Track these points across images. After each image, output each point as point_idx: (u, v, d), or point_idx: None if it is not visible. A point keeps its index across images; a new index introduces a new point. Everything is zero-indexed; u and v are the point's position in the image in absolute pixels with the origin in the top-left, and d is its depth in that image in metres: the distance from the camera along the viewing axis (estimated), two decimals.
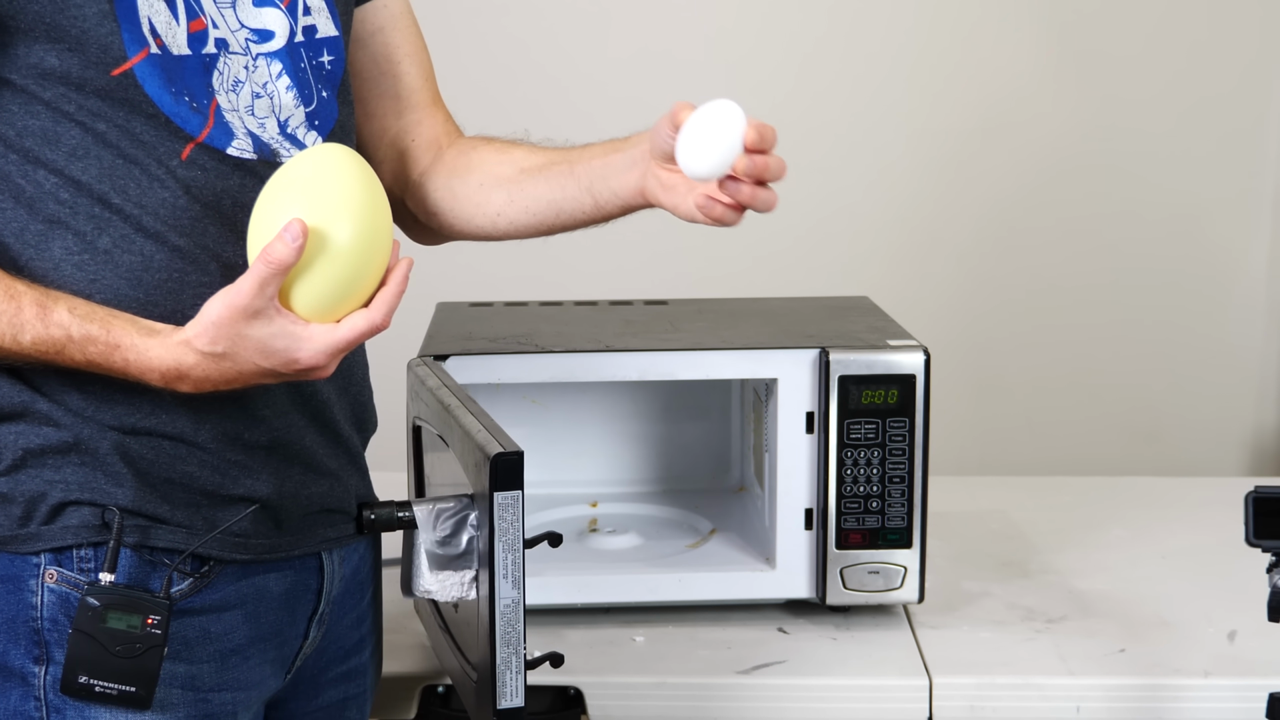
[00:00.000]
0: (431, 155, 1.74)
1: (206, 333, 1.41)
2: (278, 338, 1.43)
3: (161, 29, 1.45)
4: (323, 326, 1.44)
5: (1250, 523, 1.56)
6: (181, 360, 1.42)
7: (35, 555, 1.47)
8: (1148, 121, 3.37)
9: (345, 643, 1.68)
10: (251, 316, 1.41)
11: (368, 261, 1.46)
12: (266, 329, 1.42)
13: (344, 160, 1.47)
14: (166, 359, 1.42)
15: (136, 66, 1.44)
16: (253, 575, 1.55)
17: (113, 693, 1.44)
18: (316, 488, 1.58)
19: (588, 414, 2.33)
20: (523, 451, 1.54)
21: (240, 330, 1.41)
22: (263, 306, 1.41)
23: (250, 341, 1.42)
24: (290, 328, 1.43)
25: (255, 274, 1.40)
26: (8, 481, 1.47)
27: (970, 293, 3.41)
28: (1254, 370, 3.46)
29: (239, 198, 1.49)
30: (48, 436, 1.47)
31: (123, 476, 1.47)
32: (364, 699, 1.73)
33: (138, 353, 1.42)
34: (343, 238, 1.43)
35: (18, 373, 1.47)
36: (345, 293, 1.45)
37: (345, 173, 1.46)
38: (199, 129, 1.47)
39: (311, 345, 1.44)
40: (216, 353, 1.42)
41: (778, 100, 3.34)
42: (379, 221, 1.47)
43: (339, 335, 1.44)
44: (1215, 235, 3.41)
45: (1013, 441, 3.46)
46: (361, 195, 1.45)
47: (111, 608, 1.43)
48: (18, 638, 1.47)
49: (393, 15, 1.71)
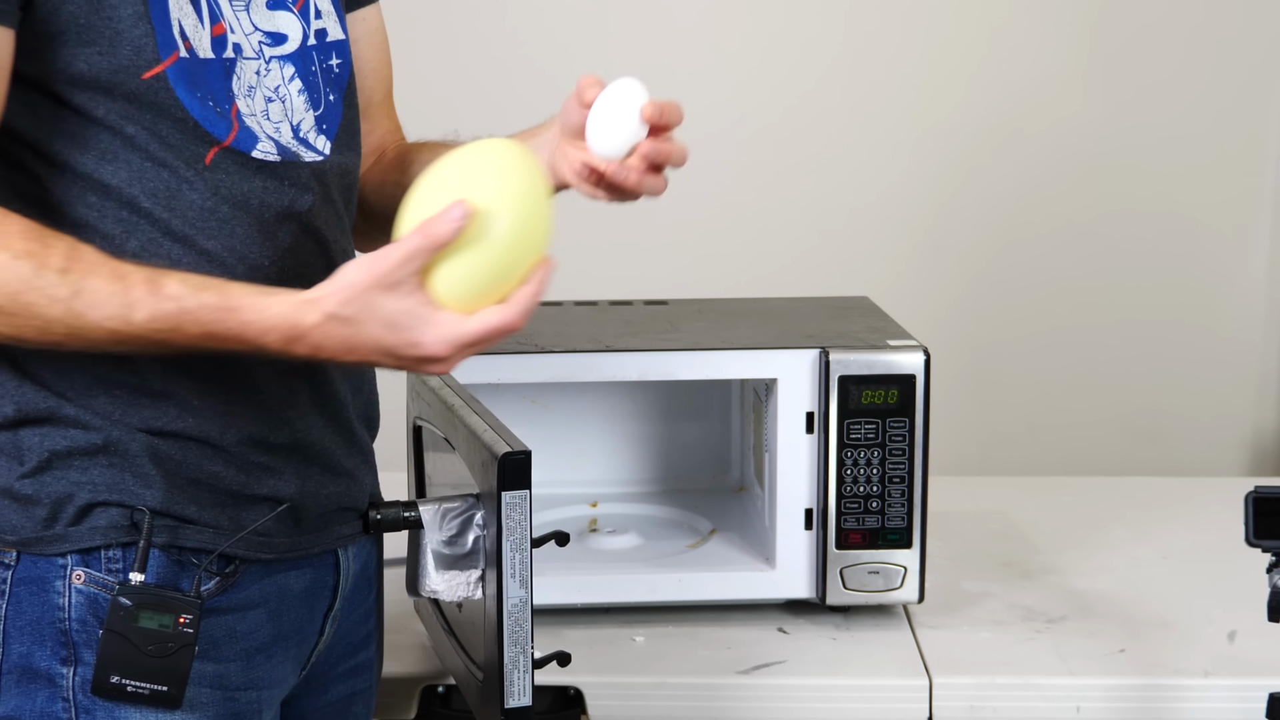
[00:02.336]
0: (372, 160, 1.75)
1: (339, 293, 1.38)
2: (408, 315, 1.39)
3: (190, 32, 1.45)
4: (454, 315, 1.40)
5: (1250, 523, 1.56)
6: (303, 319, 1.38)
7: (62, 557, 1.46)
8: (1148, 123, 3.37)
9: (353, 638, 1.68)
10: (388, 287, 1.38)
11: (518, 258, 1.42)
12: (399, 304, 1.38)
13: (514, 154, 1.44)
14: (288, 317, 1.38)
15: (168, 70, 1.43)
16: (275, 574, 1.55)
17: (145, 692, 1.44)
18: (335, 487, 1.59)
19: (588, 414, 2.33)
20: (530, 451, 1.54)
21: (373, 298, 1.38)
22: (402, 280, 1.38)
23: (380, 312, 1.38)
24: (421, 309, 1.39)
25: (407, 244, 1.37)
26: (32, 483, 1.47)
27: (970, 293, 3.40)
28: (1254, 370, 3.46)
29: (265, 199, 1.48)
30: (75, 439, 1.46)
31: (151, 478, 1.47)
32: (370, 694, 1.73)
33: (257, 312, 1.38)
34: (499, 229, 1.40)
35: (40, 378, 1.46)
36: (488, 285, 1.41)
37: (514, 166, 1.43)
38: (225, 133, 1.46)
39: (438, 331, 1.39)
40: (343, 315, 1.38)
41: (779, 98, 3.34)
42: (538, 221, 1.43)
43: (468, 328, 1.40)
44: (1215, 236, 3.41)
45: (1013, 442, 3.46)
46: (526, 191, 1.42)
47: (143, 607, 1.43)
48: (43, 639, 1.46)
49: (368, 29, 1.71)
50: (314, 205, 1.52)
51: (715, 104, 3.32)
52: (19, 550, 1.47)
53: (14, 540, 1.47)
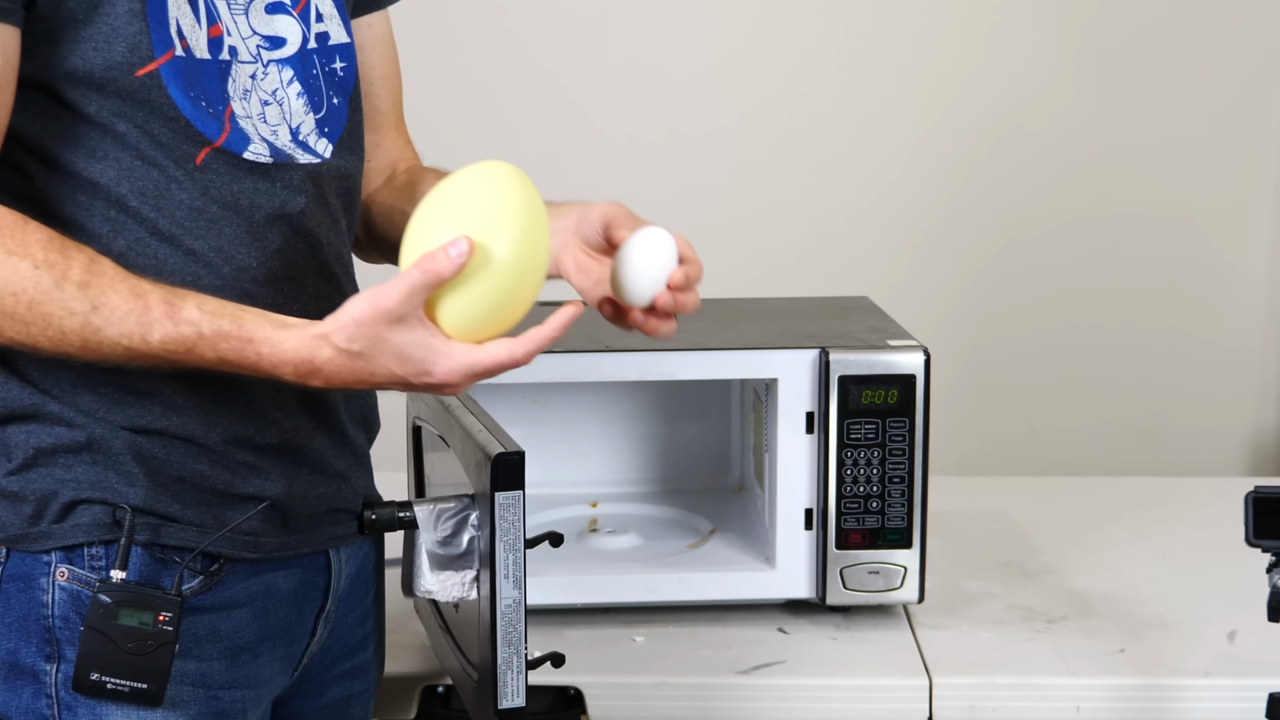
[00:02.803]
0: (384, 178, 1.74)
1: (346, 329, 1.40)
2: (416, 348, 1.41)
3: (187, 31, 1.45)
4: (464, 346, 1.42)
5: (1250, 523, 1.56)
6: (316, 354, 1.41)
7: (46, 554, 1.46)
8: (1148, 124, 3.37)
9: (349, 640, 1.68)
10: (394, 322, 1.40)
11: (520, 285, 1.43)
12: (407, 336, 1.40)
13: (509, 178, 1.45)
14: (301, 351, 1.41)
15: (162, 67, 1.43)
16: (262, 573, 1.55)
17: (124, 690, 1.44)
18: (324, 488, 1.59)
19: (588, 414, 2.33)
20: (524, 451, 1.54)
21: (380, 333, 1.40)
22: (407, 314, 1.39)
23: (388, 346, 1.40)
24: (430, 340, 1.41)
25: (408, 280, 1.39)
26: (18, 480, 1.47)
27: (970, 293, 3.41)
28: (1254, 371, 3.46)
29: (255, 200, 1.49)
30: (60, 436, 1.47)
31: (134, 475, 1.47)
32: (368, 696, 1.73)
33: (271, 346, 1.40)
34: (499, 259, 1.41)
35: (27, 375, 1.47)
36: (493, 314, 1.43)
37: (510, 192, 1.44)
38: (216, 134, 1.46)
39: (449, 362, 1.42)
40: (353, 350, 1.40)
41: (779, 99, 3.35)
42: (537, 246, 1.44)
43: (478, 359, 1.42)
44: (1215, 237, 3.41)
45: (1013, 442, 3.46)
46: (523, 218, 1.43)
47: (124, 605, 1.43)
48: (29, 636, 1.47)
49: (374, 36, 1.71)
50: (306, 207, 1.52)
51: (715, 104, 3.32)
52: (8, 547, 1.47)
53: (2, 537, 1.47)
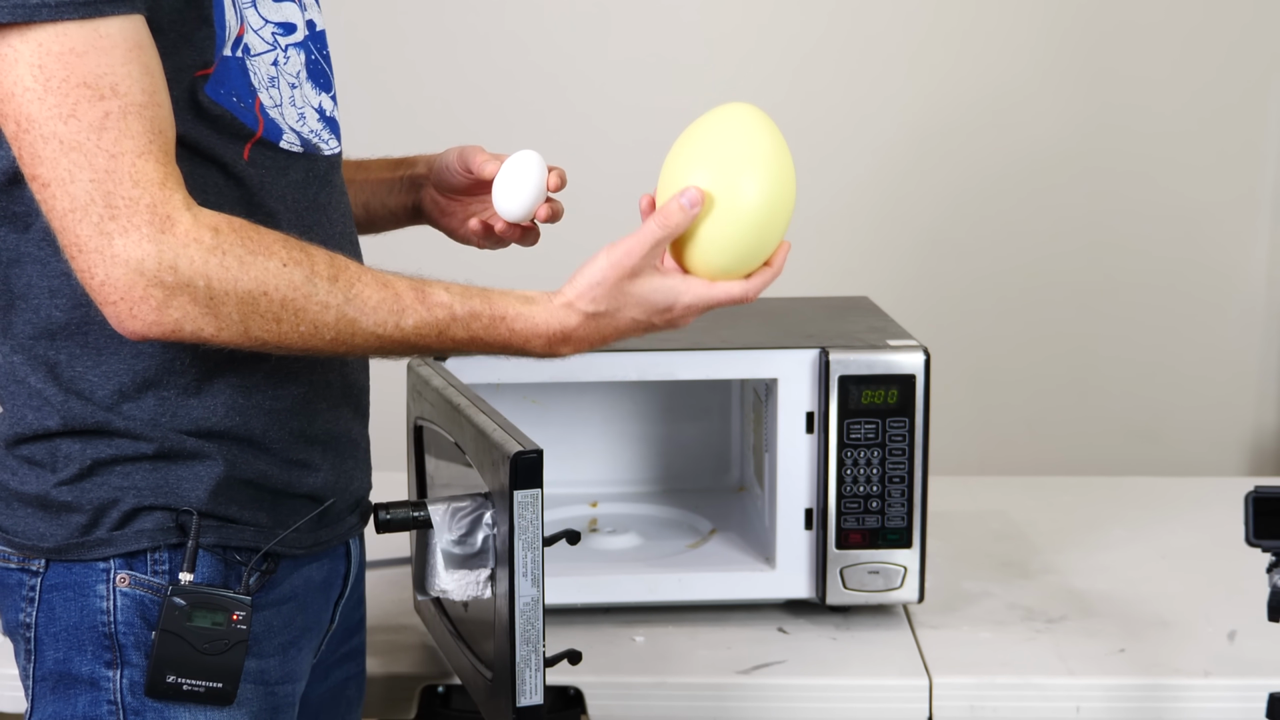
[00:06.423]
0: None
1: (590, 293, 1.47)
2: (659, 292, 1.49)
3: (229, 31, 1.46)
4: (700, 282, 1.50)
5: (1250, 523, 1.56)
6: (565, 323, 1.48)
7: (103, 561, 1.46)
8: (1148, 123, 3.37)
9: (349, 623, 1.69)
10: (633, 275, 1.47)
11: (768, 228, 1.49)
12: (648, 284, 1.48)
13: (757, 122, 1.50)
14: (552, 323, 1.47)
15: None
16: (301, 567, 1.57)
17: (200, 690, 1.46)
18: (360, 479, 1.61)
19: (588, 414, 2.33)
20: (542, 450, 1.55)
21: (624, 288, 1.47)
22: (644, 265, 1.47)
23: (631, 298, 1.48)
24: (667, 282, 1.50)
25: (648, 235, 1.47)
26: (72, 490, 1.46)
27: (970, 293, 3.40)
28: (1254, 370, 3.46)
29: (304, 190, 1.50)
30: (121, 447, 1.46)
31: (196, 480, 1.47)
32: (361, 677, 1.75)
33: (524, 320, 1.47)
34: (747, 203, 1.47)
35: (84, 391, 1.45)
36: (741, 257, 1.49)
37: (758, 136, 1.49)
38: (254, 126, 1.47)
39: (688, 297, 1.50)
40: (600, 311, 1.48)
41: (777, 99, 3.34)
42: (784, 187, 1.49)
43: (714, 294, 1.51)
44: (1215, 235, 3.41)
45: (1013, 441, 3.46)
46: (771, 161, 1.49)
47: (197, 606, 1.45)
48: (83, 644, 1.46)
49: None
50: (333, 198, 1.54)
51: (714, 104, 3.32)
52: (48, 558, 1.47)
53: (45, 548, 1.47)
